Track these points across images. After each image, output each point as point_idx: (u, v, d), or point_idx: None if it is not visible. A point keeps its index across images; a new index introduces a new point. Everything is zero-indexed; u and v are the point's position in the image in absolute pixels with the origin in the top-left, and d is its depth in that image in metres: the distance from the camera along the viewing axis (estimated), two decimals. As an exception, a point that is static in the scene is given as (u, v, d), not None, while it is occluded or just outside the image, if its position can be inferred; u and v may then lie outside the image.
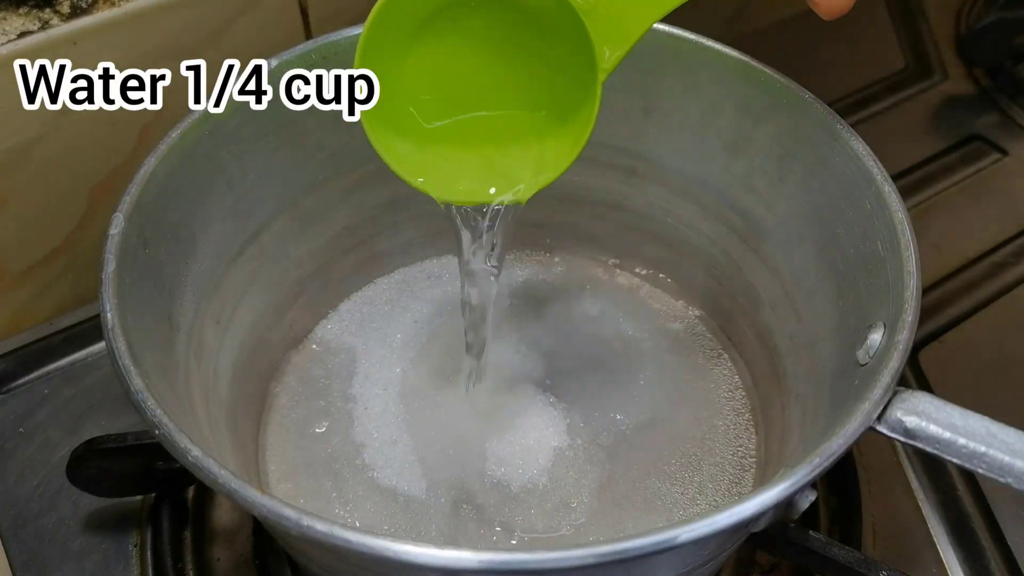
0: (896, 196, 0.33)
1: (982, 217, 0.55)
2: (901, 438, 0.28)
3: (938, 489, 0.43)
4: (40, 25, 0.40)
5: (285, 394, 0.43)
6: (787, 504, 0.28)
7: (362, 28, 0.32)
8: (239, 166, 0.38)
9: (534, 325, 0.45)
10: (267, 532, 0.40)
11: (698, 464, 0.40)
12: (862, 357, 0.32)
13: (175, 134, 0.34)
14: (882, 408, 0.28)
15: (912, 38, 0.68)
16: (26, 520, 0.41)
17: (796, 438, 0.37)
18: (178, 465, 0.27)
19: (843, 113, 0.36)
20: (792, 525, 0.35)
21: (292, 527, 0.25)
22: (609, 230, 0.47)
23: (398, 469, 0.40)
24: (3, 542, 0.40)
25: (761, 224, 0.40)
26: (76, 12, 0.40)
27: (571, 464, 0.40)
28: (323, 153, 0.41)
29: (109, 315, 0.29)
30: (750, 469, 0.40)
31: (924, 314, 0.50)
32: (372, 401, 0.42)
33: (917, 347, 0.49)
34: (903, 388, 0.28)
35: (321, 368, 0.44)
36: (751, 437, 0.41)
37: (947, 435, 0.27)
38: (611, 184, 0.45)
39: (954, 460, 0.27)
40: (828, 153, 0.36)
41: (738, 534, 0.33)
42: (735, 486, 0.40)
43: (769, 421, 0.41)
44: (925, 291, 0.50)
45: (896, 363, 0.28)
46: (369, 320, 0.46)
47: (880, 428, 0.28)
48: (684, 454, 0.41)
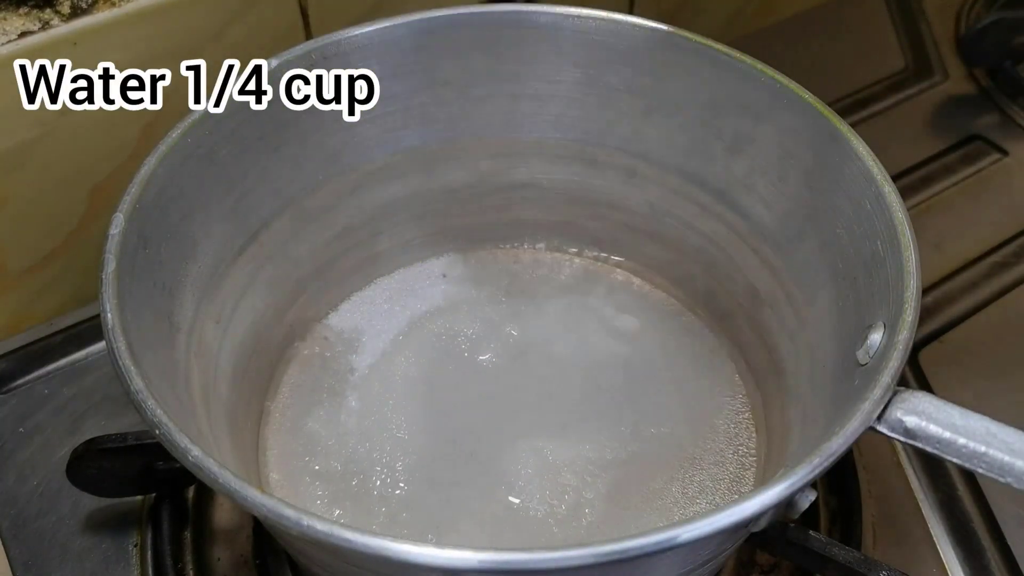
0: (896, 196, 0.33)
1: (982, 217, 0.55)
2: (901, 438, 0.28)
3: (938, 489, 0.43)
4: (41, 25, 0.40)
5: (285, 393, 0.43)
6: (787, 504, 0.28)
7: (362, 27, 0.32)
8: (239, 166, 0.38)
9: (533, 324, 0.45)
10: (267, 532, 0.40)
11: (698, 463, 0.40)
12: (862, 357, 0.32)
13: (175, 134, 0.34)
14: (882, 408, 0.28)
15: (912, 38, 0.68)
16: (26, 520, 0.41)
17: (796, 438, 0.37)
18: (178, 465, 0.27)
19: (843, 113, 0.36)
20: (792, 525, 0.35)
21: (292, 527, 0.25)
22: (609, 229, 0.47)
23: (399, 468, 0.40)
24: (3, 542, 0.40)
25: (761, 224, 0.40)
26: (76, 12, 0.40)
27: (569, 463, 0.40)
28: (323, 153, 0.41)
29: (109, 315, 0.29)
30: (751, 468, 0.40)
31: (924, 314, 0.50)
32: (372, 400, 0.42)
33: (917, 347, 0.49)
34: (903, 388, 0.28)
35: (321, 367, 0.44)
36: (751, 436, 0.41)
37: (947, 435, 0.27)
38: (611, 184, 0.45)
39: (954, 460, 0.27)
40: (828, 153, 0.36)
41: (738, 534, 0.33)
42: (736, 485, 0.40)
43: (770, 420, 0.41)
44: (925, 291, 0.51)
45: (896, 363, 0.28)
46: (369, 320, 0.46)
47: (880, 428, 0.28)
48: (684, 453, 0.41)
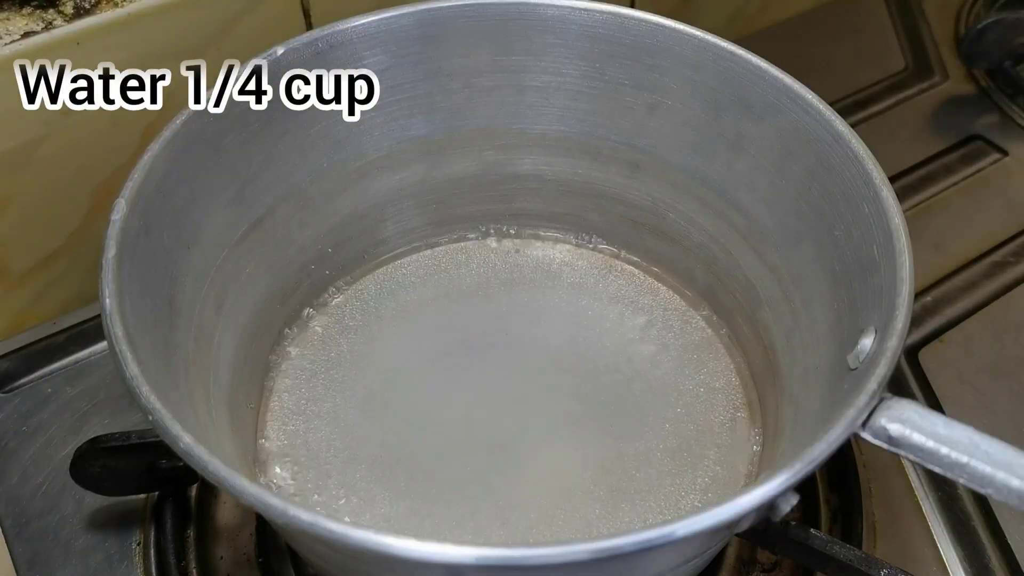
0: (894, 200, 0.33)
1: (982, 217, 0.55)
2: (885, 445, 0.28)
3: (939, 488, 0.43)
4: (44, 25, 0.40)
5: (286, 378, 0.43)
6: (769, 507, 0.28)
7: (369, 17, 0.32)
8: (244, 152, 0.38)
9: (533, 316, 0.46)
10: (270, 530, 0.40)
11: (691, 458, 0.40)
12: (852, 361, 0.32)
13: (180, 121, 0.35)
14: (867, 415, 0.28)
15: (912, 38, 0.68)
16: (29, 519, 0.41)
17: (787, 438, 0.37)
18: (181, 463, 0.27)
19: (843, 113, 0.36)
20: (793, 523, 0.35)
21: (278, 516, 0.25)
22: (611, 223, 0.47)
23: (400, 454, 0.40)
24: (6, 541, 0.40)
25: (761, 222, 0.40)
26: (79, 13, 0.40)
27: (566, 457, 0.40)
28: (328, 140, 0.41)
29: (108, 300, 0.29)
30: (744, 464, 0.40)
31: (925, 313, 0.50)
32: (373, 389, 0.43)
33: (917, 347, 0.49)
34: (890, 395, 0.28)
35: (323, 353, 0.44)
36: (746, 433, 0.42)
37: (930, 444, 0.27)
38: (614, 177, 0.45)
39: (936, 469, 0.27)
40: (829, 154, 0.36)
41: (719, 535, 0.33)
42: (729, 481, 0.40)
43: (764, 418, 0.42)
44: (926, 291, 0.51)
45: (883, 370, 0.28)
46: (372, 306, 0.46)
47: (864, 435, 0.28)
48: (678, 448, 0.41)
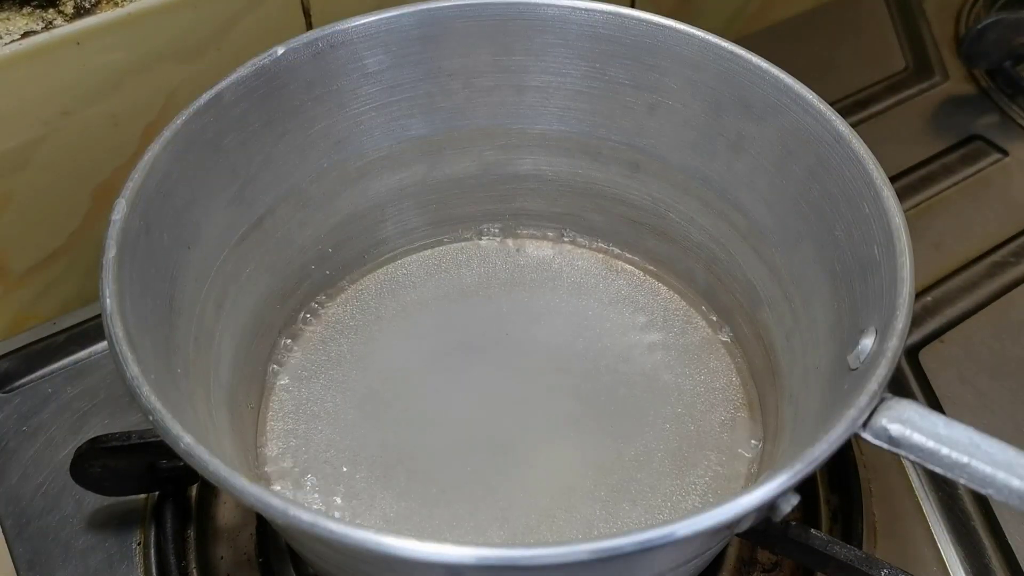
0: (894, 200, 0.33)
1: (982, 217, 0.55)
2: (885, 445, 0.28)
3: (939, 488, 0.43)
4: (44, 25, 0.40)
5: (286, 378, 0.43)
6: (769, 507, 0.28)
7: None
8: (244, 152, 0.38)
9: (533, 316, 0.46)
10: (270, 531, 0.40)
11: (691, 458, 0.40)
12: (853, 362, 0.32)
13: (180, 120, 0.35)
14: (868, 415, 0.28)
15: (912, 38, 0.68)
16: (30, 519, 0.41)
17: (787, 438, 0.37)
18: (181, 463, 0.27)
19: (844, 113, 0.36)
20: (794, 523, 0.35)
21: (278, 517, 0.25)
22: (611, 222, 0.47)
23: (400, 454, 0.40)
24: (7, 540, 0.40)
25: (761, 222, 0.40)
26: (80, 12, 0.40)
27: (566, 457, 0.40)
28: (328, 140, 0.41)
29: (108, 300, 0.29)
30: (744, 465, 0.41)
31: (925, 313, 0.50)
32: (374, 386, 0.43)
33: (917, 347, 0.49)
34: (890, 395, 0.28)
35: (323, 353, 0.44)
36: (746, 433, 0.42)
37: (930, 444, 0.27)
38: (614, 177, 0.45)
39: (937, 470, 0.27)
40: (829, 154, 0.36)
41: (719, 535, 0.33)
42: (729, 481, 0.40)
43: (765, 418, 0.42)
44: (926, 290, 0.51)
45: (884, 370, 0.28)
46: (372, 306, 0.46)
47: (865, 435, 0.28)
48: (678, 448, 0.41)
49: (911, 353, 0.48)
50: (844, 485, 0.42)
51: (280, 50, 0.37)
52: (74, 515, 0.41)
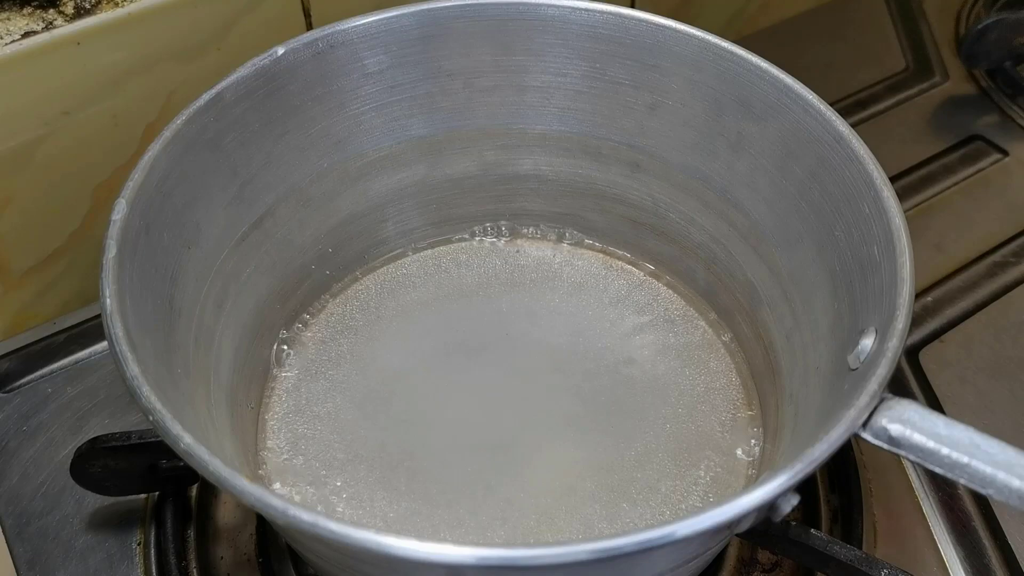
0: (894, 201, 0.33)
1: (982, 217, 0.56)
2: (885, 445, 0.28)
3: (939, 488, 0.43)
4: (44, 25, 0.40)
5: (287, 378, 0.43)
6: (769, 507, 0.28)
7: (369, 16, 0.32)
8: (244, 152, 0.38)
9: (533, 316, 0.46)
10: (270, 530, 0.40)
11: (691, 458, 0.40)
12: (853, 362, 0.32)
13: (180, 120, 0.35)
14: (868, 415, 0.28)
15: (912, 39, 0.68)
16: (30, 519, 0.41)
17: (787, 438, 0.37)
18: (182, 463, 0.27)
19: (844, 113, 0.36)
20: (794, 523, 0.35)
21: (278, 517, 0.25)
22: (611, 222, 0.47)
23: (400, 454, 0.40)
24: (7, 540, 0.40)
25: (762, 222, 0.40)
26: (80, 12, 0.40)
27: (567, 457, 0.40)
28: (329, 141, 0.41)
29: (108, 300, 0.29)
30: (744, 465, 0.41)
31: (925, 313, 0.50)
32: (374, 386, 0.43)
33: (917, 347, 0.49)
34: (890, 395, 0.28)
35: (324, 353, 0.44)
36: (746, 433, 0.42)
37: (931, 444, 0.27)
38: (614, 177, 0.45)
39: (937, 470, 0.27)
40: (829, 154, 0.36)
41: (720, 535, 0.33)
42: (729, 481, 0.40)
43: (765, 418, 0.42)
44: (926, 291, 0.51)
45: (884, 370, 0.28)
46: (372, 306, 0.46)
47: (865, 435, 0.28)
48: (678, 448, 0.41)
49: (911, 353, 0.48)
50: (844, 485, 0.42)
51: (280, 50, 0.37)
52: (74, 515, 0.41)
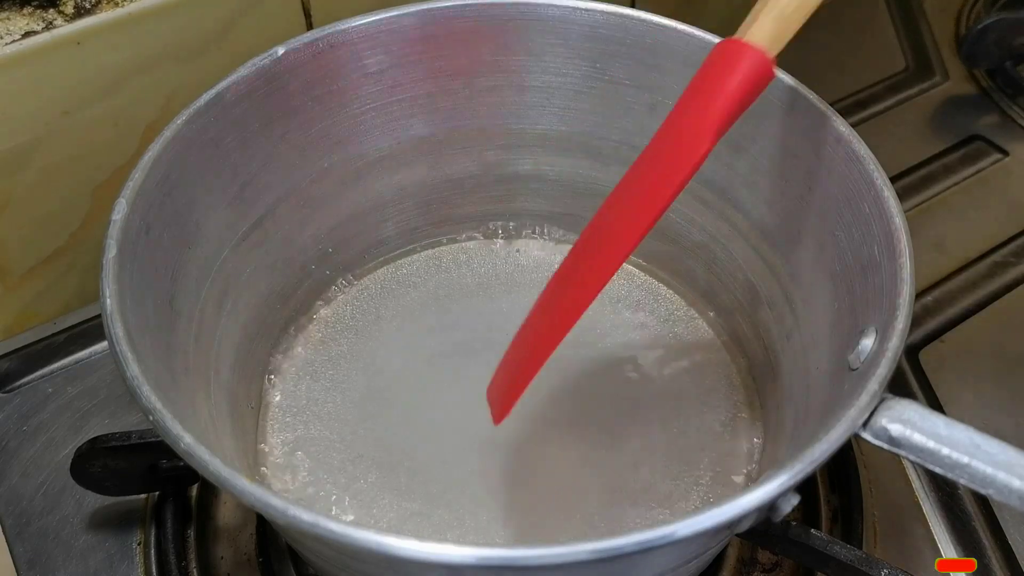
0: (895, 201, 0.33)
1: (982, 217, 0.56)
2: (885, 445, 0.28)
3: (939, 488, 0.43)
4: (44, 25, 0.40)
5: (286, 378, 0.43)
6: (769, 507, 0.28)
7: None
8: (244, 152, 0.38)
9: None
10: (270, 530, 0.40)
11: (692, 458, 0.40)
12: (853, 362, 0.32)
13: (180, 120, 0.35)
14: (868, 415, 0.28)
15: (913, 39, 0.68)
16: (30, 518, 0.41)
17: (788, 438, 0.37)
18: (182, 463, 0.27)
19: (844, 113, 0.36)
20: (794, 523, 0.35)
21: (279, 517, 0.25)
22: (611, 224, 0.47)
23: (400, 454, 0.40)
24: (7, 540, 0.40)
25: (762, 223, 0.40)
26: (80, 12, 0.40)
27: (566, 457, 0.40)
28: (329, 141, 0.41)
29: (108, 300, 0.29)
30: (744, 465, 0.41)
31: (925, 313, 0.50)
32: (374, 386, 0.43)
33: (917, 347, 0.49)
34: (890, 395, 0.28)
35: (324, 353, 0.44)
36: (746, 433, 0.42)
37: (931, 444, 0.27)
38: (615, 177, 0.44)
39: (937, 470, 0.27)
40: (830, 154, 0.36)
41: (720, 535, 0.33)
42: (729, 481, 0.40)
43: (765, 418, 0.42)
44: (926, 291, 0.51)
45: (884, 370, 0.28)
46: (372, 306, 0.46)
47: (865, 435, 0.28)
48: (678, 448, 0.41)
49: (911, 353, 0.48)
50: (844, 485, 0.42)
51: (280, 50, 0.37)
52: (74, 515, 0.41)
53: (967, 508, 0.42)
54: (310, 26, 0.47)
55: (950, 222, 0.55)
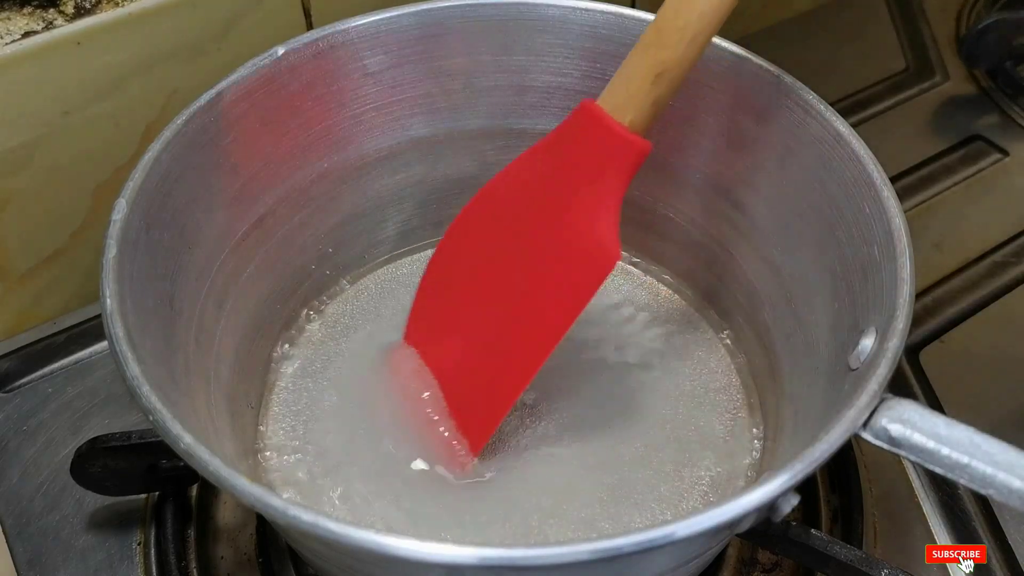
0: (894, 201, 0.33)
1: (982, 217, 0.56)
2: (885, 445, 0.28)
3: (939, 488, 0.43)
4: (44, 25, 0.40)
5: (286, 377, 0.43)
6: (770, 507, 0.28)
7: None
8: (245, 152, 0.38)
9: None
10: (270, 530, 0.40)
11: (692, 458, 0.40)
12: (853, 362, 0.32)
13: (180, 120, 0.35)
14: (868, 415, 0.28)
15: (913, 39, 0.68)
16: (30, 518, 0.41)
17: (788, 438, 0.37)
18: (182, 463, 0.27)
19: (844, 113, 0.36)
20: (794, 523, 0.35)
21: (278, 517, 0.25)
22: (611, 223, 0.47)
23: (400, 460, 0.40)
24: (7, 540, 0.40)
25: (762, 222, 0.40)
26: (80, 12, 0.40)
27: (567, 458, 0.40)
28: (328, 140, 0.41)
29: (108, 300, 0.29)
30: (744, 465, 0.40)
31: (925, 313, 0.50)
32: (375, 386, 0.43)
33: (917, 347, 0.49)
34: (890, 395, 0.28)
35: (324, 353, 0.44)
36: (746, 433, 0.42)
37: (931, 444, 0.27)
38: (615, 177, 0.45)
39: (937, 470, 0.27)
40: (830, 154, 0.36)
41: (720, 535, 0.33)
42: (729, 481, 0.40)
43: (765, 418, 0.42)
44: (926, 291, 0.51)
45: (884, 370, 0.28)
46: (372, 306, 0.46)
47: (865, 435, 0.28)
48: (678, 448, 0.41)
49: (911, 353, 0.48)
50: (844, 485, 0.42)
51: (280, 50, 0.38)
52: (74, 515, 0.41)
53: (967, 508, 0.42)
54: (310, 26, 0.47)
55: (950, 222, 0.55)
